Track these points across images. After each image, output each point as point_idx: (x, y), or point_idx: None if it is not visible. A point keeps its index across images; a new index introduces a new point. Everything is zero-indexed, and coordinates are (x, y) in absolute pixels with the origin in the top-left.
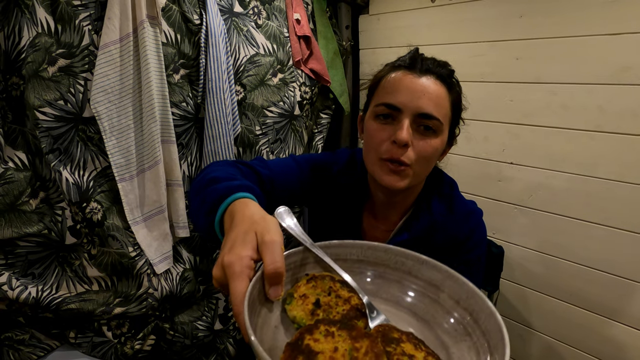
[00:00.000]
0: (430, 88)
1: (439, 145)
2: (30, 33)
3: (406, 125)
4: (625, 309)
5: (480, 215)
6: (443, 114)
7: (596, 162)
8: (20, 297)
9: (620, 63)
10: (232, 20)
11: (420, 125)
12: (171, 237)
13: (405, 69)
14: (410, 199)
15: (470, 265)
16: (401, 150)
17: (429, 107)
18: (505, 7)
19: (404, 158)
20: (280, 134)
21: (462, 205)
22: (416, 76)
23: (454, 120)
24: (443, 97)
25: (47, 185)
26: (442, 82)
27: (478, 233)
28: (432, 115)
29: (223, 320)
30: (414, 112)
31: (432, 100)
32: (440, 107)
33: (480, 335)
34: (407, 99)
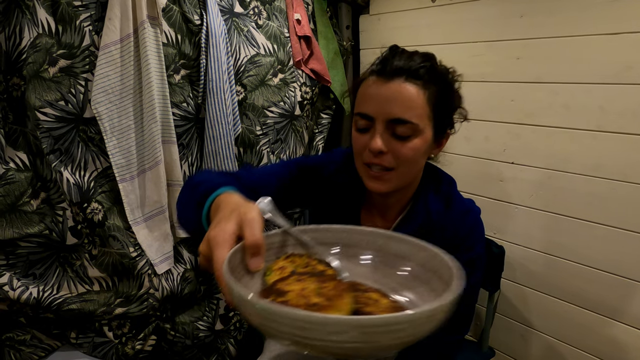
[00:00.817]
0: (399, 92)
1: (419, 145)
2: (31, 34)
3: (379, 134)
4: (627, 308)
5: (478, 214)
6: (417, 114)
7: (598, 162)
8: (22, 297)
9: (621, 63)
10: (233, 20)
11: (395, 131)
12: (172, 238)
13: (376, 74)
14: (406, 197)
15: (469, 265)
16: (379, 158)
17: (398, 112)
18: (505, 7)
19: (384, 163)
20: (280, 134)
21: (460, 203)
22: (384, 81)
23: (438, 114)
24: (414, 97)
25: (48, 186)
26: (415, 80)
27: (476, 232)
28: (403, 120)
29: (224, 320)
30: (385, 119)
31: (402, 104)
32: (412, 108)
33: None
34: (377, 107)
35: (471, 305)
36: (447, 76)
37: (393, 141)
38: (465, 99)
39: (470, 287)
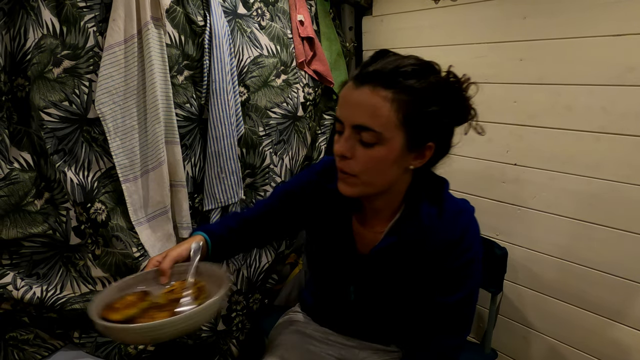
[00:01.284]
0: (363, 99)
1: (383, 154)
2: (35, 34)
3: (345, 138)
4: (630, 311)
5: (471, 214)
6: (381, 123)
7: (601, 164)
8: (25, 297)
9: (624, 64)
10: (236, 21)
11: (359, 137)
12: (175, 238)
13: (352, 80)
14: (395, 202)
15: (466, 267)
16: (343, 162)
17: (362, 118)
18: (508, 8)
19: (345, 169)
20: (283, 135)
21: (452, 204)
22: (356, 87)
23: (413, 124)
24: (379, 105)
25: (51, 186)
26: (385, 88)
27: (470, 232)
28: (365, 127)
29: (226, 321)
30: (351, 125)
31: (366, 111)
32: (376, 116)
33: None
34: (346, 112)
35: (471, 307)
36: (438, 88)
37: (359, 147)
38: None
39: (470, 289)
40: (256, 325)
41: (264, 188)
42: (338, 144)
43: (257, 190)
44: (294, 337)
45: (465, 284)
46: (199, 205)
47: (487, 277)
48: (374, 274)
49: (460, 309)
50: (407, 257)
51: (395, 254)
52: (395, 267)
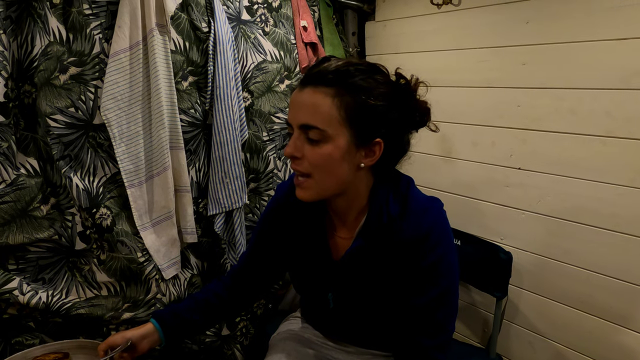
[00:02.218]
0: (306, 99)
1: (330, 151)
2: (42, 42)
3: (292, 139)
4: (636, 315)
5: (438, 210)
6: (323, 120)
7: (606, 168)
8: (31, 302)
9: (628, 68)
10: (240, 27)
11: (306, 136)
12: (179, 243)
13: (299, 83)
14: (357, 204)
15: (433, 269)
16: (294, 163)
17: (304, 117)
18: (511, 13)
19: (298, 167)
20: (287, 140)
21: (417, 202)
22: (300, 89)
23: (358, 121)
24: (320, 103)
25: (57, 191)
26: (325, 87)
27: (437, 230)
28: (308, 125)
29: (230, 326)
30: (297, 125)
31: (307, 110)
32: (318, 114)
33: None
34: (292, 114)
35: (448, 306)
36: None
37: (307, 146)
38: (472, 104)
39: (444, 287)
40: (260, 330)
41: (267, 193)
42: (287, 146)
43: (261, 195)
44: (292, 342)
45: (437, 282)
46: (203, 210)
47: (491, 281)
48: (348, 279)
49: (435, 308)
50: (376, 259)
51: (365, 257)
52: (367, 271)
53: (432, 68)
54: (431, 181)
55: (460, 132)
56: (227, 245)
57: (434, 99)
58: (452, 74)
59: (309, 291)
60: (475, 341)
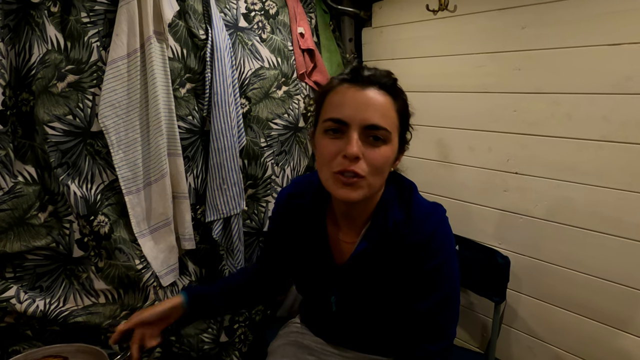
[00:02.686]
0: (375, 99)
1: (389, 153)
2: (40, 50)
3: (355, 139)
4: (635, 319)
5: (440, 216)
6: (390, 123)
7: (603, 172)
8: (28, 310)
9: (622, 73)
10: (237, 34)
11: (369, 137)
12: (177, 250)
13: (349, 82)
14: (369, 208)
15: (436, 273)
16: (353, 163)
17: (375, 118)
18: (507, 19)
19: (357, 170)
20: (285, 145)
21: (420, 208)
22: (360, 88)
23: (402, 127)
24: (388, 106)
25: (55, 199)
26: (386, 92)
27: (438, 235)
28: (379, 126)
29: (229, 333)
30: (362, 124)
31: (378, 110)
32: (387, 116)
33: None
34: (353, 112)
35: (450, 312)
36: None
37: (366, 148)
38: (468, 109)
39: (445, 292)
40: (259, 337)
41: (265, 199)
42: (351, 146)
43: (259, 201)
44: (291, 348)
45: (439, 287)
46: (201, 217)
47: (490, 286)
48: (351, 283)
49: (437, 313)
50: (380, 264)
51: (369, 261)
52: (370, 275)
53: (428, 73)
54: (429, 186)
55: (457, 137)
56: (225, 252)
57: (430, 104)
58: (449, 80)
59: (311, 295)
60: (475, 346)
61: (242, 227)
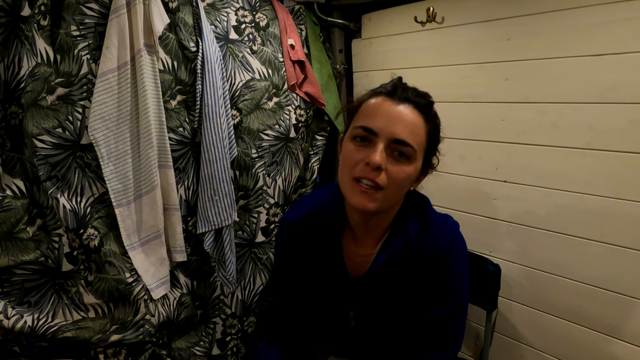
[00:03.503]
0: (406, 116)
1: (412, 171)
2: (29, 63)
3: (380, 149)
4: (625, 325)
5: (456, 228)
6: (418, 142)
7: (590, 180)
8: (16, 326)
9: (606, 83)
10: (228, 46)
11: (395, 151)
12: (168, 262)
13: (386, 96)
14: (387, 221)
15: (453, 281)
16: (374, 173)
17: (403, 133)
18: (492, 30)
19: (377, 180)
20: (276, 156)
21: (436, 220)
22: (395, 103)
23: (429, 149)
24: (419, 125)
25: (44, 212)
26: (420, 112)
27: (455, 247)
28: (406, 142)
29: (221, 345)
30: (389, 138)
31: (407, 127)
32: (415, 135)
33: None
34: (384, 124)
35: (459, 322)
36: (438, 119)
37: (389, 161)
38: (458, 119)
39: (457, 303)
40: (251, 349)
41: (257, 210)
42: (375, 155)
43: (251, 212)
44: None
45: (451, 298)
46: (193, 229)
47: (481, 294)
48: (370, 296)
49: (447, 322)
50: (398, 275)
51: (388, 273)
52: (389, 287)
53: (418, 84)
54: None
55: (446, 146)
56: (217, 263)
57: None
58: (438, 90)
59: (327, 312)
60: (467, 354)
61: (233, 239)
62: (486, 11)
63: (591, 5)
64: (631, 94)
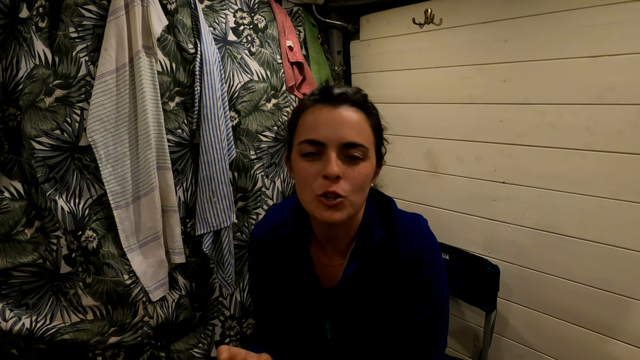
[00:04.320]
0: (349, 117)
1: (369, 170)
2: (28, 65)
3: (333, 158)
4: (623, 326)
5: (424, 227)
6: (366, 139)
7: (588, 180)
8: (14, 328)
9: (603, 84)
10: (226, 48)
11: (348, 155)
12: (167, 264)
13: (321, 103)
14: (353, 227)
15: (429, 283)
16: (334, 184)
17: (351, 135)
18: (490, 32)
19: (339, 190)
20: (274, 158)
21: (403, 222)
22: (333, 107)
23: (378, 141)
24: (363, 122)
25: (42, 214)
26: (359, 108)
27: (427, 247)
28: (357, 143)
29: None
30: (339, 143)
31: (353, 128)
32: (363, 133)
33: None
34: (329, 132)
35: (441, 322)
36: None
37: (345, 167)
38: (456, 120)
39: (436, 306)
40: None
41: (256, 211)
42: (331, 166)
43: (250, 214)
44: None
45: (430, 299)
46: (191, 230)
47: (480, 295)
48: (344, 307)
49: (429, 325)
50: (370, 283)
51: (360, 282)
52: (362, 296)
53: (416, 85)
54: (418, 196)
55: (445, 148)
56: (215, 265)
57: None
58: (436, 91)
59: (303, 325)
60: (467, 355)
61: (232, 240)
62: (484, 13)
63: (589, 7)
64: (629, 95)
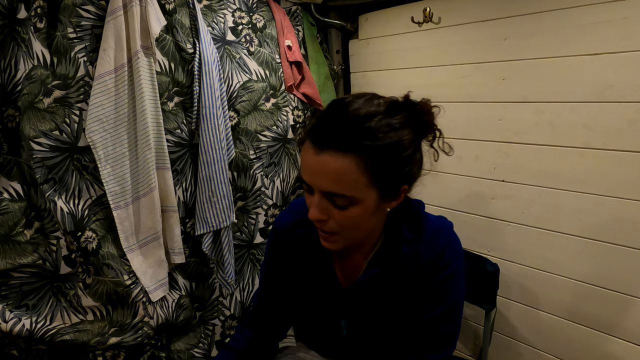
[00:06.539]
0: (327, 166)
1: (359, 213)
2: (26, 66)
3: (316, 202)
4: (623, 323)
5: (449, 229)
6: (350, 187)
7: (586, 178)
8: (14, 329)
9: (602, 82)
10: (225, 48)
11: (332, 201)
12: (167, 264)
13: (310, 140)
14: (374, 235)
15: (447, 281)
16: (319, 224)
17: (328, 186)
18: (489, 30)
19: (325, 229)
20: (274, 157)
21: (430, 225)
22: (316, 153)
23: (383, 177)
24: (346, 170)
25: (42, 215)
26: (346, 152)
27: (450, 249)
28: (334, 193)
29: (220, 347)
30: (319, 190)
31: (330, 178)
32: (343, 181)
33: None
34: (311, 178)
35: (454, 322)
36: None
37: (332, 209)
38: (455, 118)
39: (450, 304)
40: None
41: (255, 211)
42: (311, 211)
43: (249, 214)
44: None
45: (446, 298)
46: (191, 230)
47: (480, 293)
48: (361, 305)
49: (443, 323)
50: (391, 284)
51: (379, 283)
52: (381, 296)
53: (414, 84)
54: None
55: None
56: (215, 265)
57: None
58: (435, 90)
59: (319, 321)
60: (467, 354)
61: (232, 240)
62: (483, 11)
63: (588, 5)
64: (628, 92)
